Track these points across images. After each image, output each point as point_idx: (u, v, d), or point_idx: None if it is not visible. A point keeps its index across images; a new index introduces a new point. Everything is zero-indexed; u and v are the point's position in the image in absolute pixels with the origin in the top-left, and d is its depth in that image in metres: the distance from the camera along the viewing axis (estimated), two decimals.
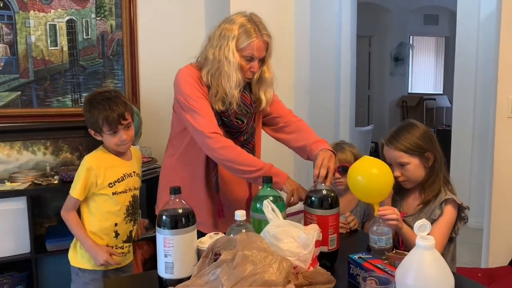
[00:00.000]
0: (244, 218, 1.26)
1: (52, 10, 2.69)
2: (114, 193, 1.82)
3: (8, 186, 2.40)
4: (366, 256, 1.29)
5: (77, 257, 1.85)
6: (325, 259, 1.39)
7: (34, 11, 2.65)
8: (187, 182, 1.76)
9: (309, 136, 1.79)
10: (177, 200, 1.28)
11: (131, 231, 1.91)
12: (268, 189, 1.49)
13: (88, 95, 1.88)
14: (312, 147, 1.71)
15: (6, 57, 2.63)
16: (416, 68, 8.24)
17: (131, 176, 1.88)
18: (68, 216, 1.81)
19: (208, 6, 3.07)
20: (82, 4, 2.76)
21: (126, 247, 1.90)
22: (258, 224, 1.40)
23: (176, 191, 1.28)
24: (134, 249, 2.13)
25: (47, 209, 2.68)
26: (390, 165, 1.55)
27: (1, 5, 2.58)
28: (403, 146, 1.57)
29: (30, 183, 2.44)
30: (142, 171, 2.55)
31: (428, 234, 1.51)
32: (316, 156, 1.63)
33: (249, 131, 1.84)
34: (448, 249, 1.57)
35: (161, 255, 1.27)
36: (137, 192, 1.93)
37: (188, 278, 1.20)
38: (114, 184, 1.82)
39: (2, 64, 2.62)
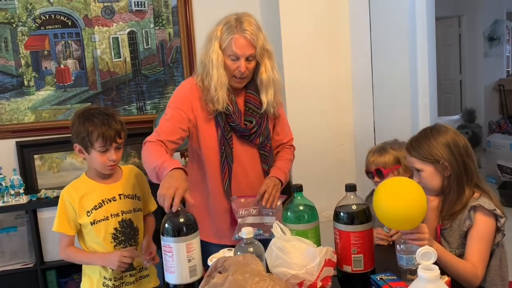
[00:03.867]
0: (251, 235, 1.22)
1: (114, 24, 2.85)
2: (92, 223, 1.67)
3: None
4: (389, 277, 1.19)
5: None
6: (349, 281, 1.30)
7: (98, 26, 2.83)
8: (205, 194, 1.79)
9: (275, 165, 1.84)
10: (179, 208, 1.31)
11: None
12: (299, 197, 1.46)
13: (80, 109, 1.79)
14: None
15: (76, 71, 2.84)
16: None
17: (115, 200, 1.71)
18: (66, 254, 1.70)
19: (264, 8, 3.04)
20: (141, 15, 2.89)
21: (126, 276, 1.72)
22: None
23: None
24: None
25: None
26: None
27: (70, 23, 2.79)
28: (415, 152, 1.46)
29: None
30: None
31: (463, 250, 1.36)
32: (263, 184, 1.70)
33: (264, 133, 1.79)
34: (487, 266, 1.37)
35: (183, 263, 1.28)
36: (129, 216, 1.74)
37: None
38: (92, 212, 1.67)
39: (73, 78, 2.84)
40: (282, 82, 1.95)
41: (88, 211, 1.68)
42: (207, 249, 1.48)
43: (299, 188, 1.47)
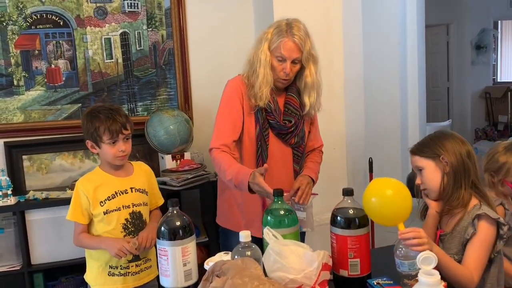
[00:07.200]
0: (249, 239, 1.21)
1: (107, 25, 2.82)
2: (105, 212, 1.79)
3: (68, 193, 2.55)
4: (386, 281, 1.19)
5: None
6: (346, 285, 1.29)
7: (90, 26, 2.80)
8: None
9: (307, 165, 1.96)
10: (175, 211, 1.34)
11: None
12: (279, 202, 1.45)
13: (88, 108, 1.89)
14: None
15: (67, 71, 2.81)
16: (504, 55, 7.56)
17: (126, 192, 1.84)
18: (78, 240, 1.81)
19: (257, 12, 3.04)
20: (134, 16, 2.87)
21: (132, 266, 1.84)
22: None
23: (173, 203, 1.33)
24: None
25: None
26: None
27: (61, 23, 2.76)
28: (418, 150, 1.49)
29: None
30: (192, 178, 2.60)
31: (462, 256, 1.37)
32: (296, 181, 1.82)
33: (299, 134, 1.91)
34: (487, 273, 1.39)
35: (178, 267, 1.29)
36: (139, 209, 1.86)
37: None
38: (105, 203, 1.79)
39: (63, 78, 2.81)
40: None
41: (102, 201, 1.80)
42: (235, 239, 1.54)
43: (280, 193, 1.46)
